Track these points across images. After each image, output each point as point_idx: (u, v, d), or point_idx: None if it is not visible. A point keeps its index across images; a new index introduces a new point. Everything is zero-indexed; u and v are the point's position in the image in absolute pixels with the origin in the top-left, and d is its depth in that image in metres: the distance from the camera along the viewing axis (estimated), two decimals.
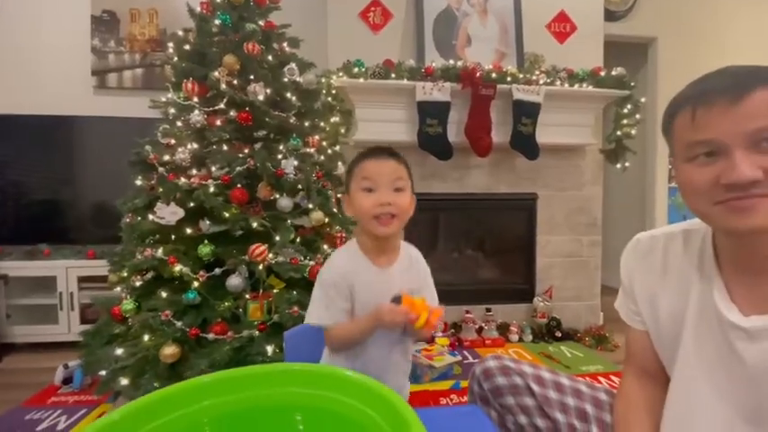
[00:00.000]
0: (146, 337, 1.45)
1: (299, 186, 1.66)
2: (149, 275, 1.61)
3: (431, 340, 2.38)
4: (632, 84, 2.60)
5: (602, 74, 2.57)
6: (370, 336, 0.84)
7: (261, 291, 1.52)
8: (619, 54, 3.06)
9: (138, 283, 1.58)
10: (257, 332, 1.45)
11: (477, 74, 2.34)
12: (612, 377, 2.11)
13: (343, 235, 1.80)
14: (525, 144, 2.48)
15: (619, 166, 2.65)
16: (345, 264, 0.87)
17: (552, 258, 2.80)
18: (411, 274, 0.90)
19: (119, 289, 1.60)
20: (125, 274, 1.59)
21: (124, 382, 1.37)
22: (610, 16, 3.13)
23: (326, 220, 1.73)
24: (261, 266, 1.50)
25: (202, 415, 0.52)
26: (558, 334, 2.60)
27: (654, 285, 0.70)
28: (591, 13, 2.82)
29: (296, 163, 1.65)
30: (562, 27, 2.78)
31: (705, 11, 3.37)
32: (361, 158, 0.87)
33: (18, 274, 2.44)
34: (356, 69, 2.28)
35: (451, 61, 2.40)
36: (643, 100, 2.65)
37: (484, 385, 0.86)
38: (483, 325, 2.58)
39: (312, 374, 0.59)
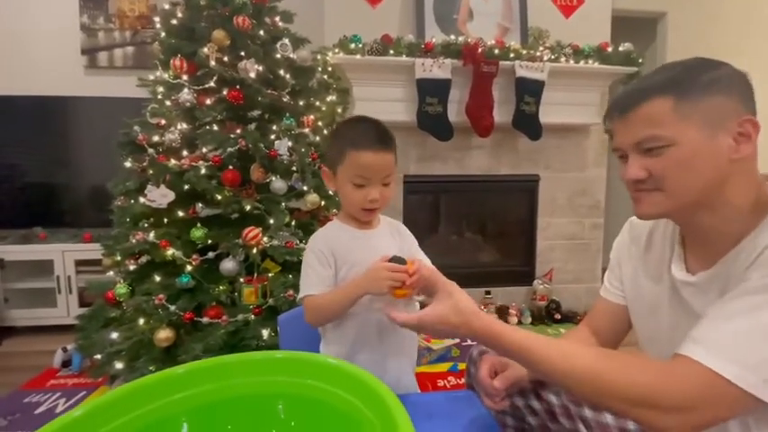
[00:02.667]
0: (140, 321, 1.44)
1: (294, 168, 1.62)
2: (143, 259, 1.59)
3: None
4: (640, 60, 2.50)
5: (609, 50, 2.47)
6: (353, 303, 0.80)
7: (255, 275, 1.49)
8: (627, 30, 2.95)
9: (132, 267, 1.56)
10: (252, 316, 1.43)
11: (479, 50, 2.25)
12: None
13: None
14: (528, 124, 2.40)
15: None
16: (326, 233, 0.88)
17: (553, 241, 2.76)
18: (394, 238, 0.91)
19: (112, 273, 1.58)
20: (118, 258, 1.57)
21: (119, 365, 1.36)
22: None
23: (322, 203, 1.69)
24: (255, 250, 1.47)
25: (177, 406, 0.49)
26: (558, 316, 2.59)
27: (639, 263, 0.76)
28: None
29: (290, 144, 1.60)
30: (569, 0, 2.66)
31: None
32: (356, 145, 0.81)
33: (14, 257, 2.42)
34: (353, 45, 2.19)
35: (452, 37, 2.30)
36: None
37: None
38: (482, 308, 2.57)
39: (294, 362, 0.56)
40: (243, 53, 1.61)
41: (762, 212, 0.58)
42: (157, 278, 1.47)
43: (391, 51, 2.23)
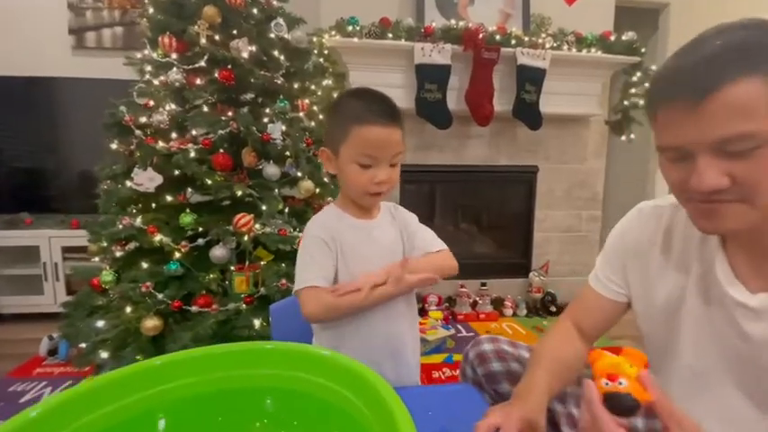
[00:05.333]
0: (127, 310, 1.39)
1: (287, 153, 1.56)
2: (131, 246, 1.53)
3: (424, 313, 2.35)
4: (643, 50, 2.45)
5: (612, 39, 2.42)
6: (375, 305, 0.74)
7: (247, 263, 1.44)
8: (629, 20, 2.89)
9: (118, 254, 1.50)
10: (244, 305, 1.39)
11: (480, 35, 2.19)
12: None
13: None
14: (528, 113, 2.36)
15: (624, 138, 2.54)
16: (325, 220, 0.80)
17: (550, 233, 2.74)
18: (394, 226, 0.85)
19: (97, 259, 1.53)
20: (105, 245, 1.51)
21: (104, 354, 1.32)
22: None
23: (317, 190, 1.64)
24: (246, 237, 1.42)
25: (153, 401, 0.45)
26: (553, 309, 2.58)
27: (654, 263, 0.66)
28: None
29: (283, 128, 1.54)
30: None
31: None
32: (362, 120, 0.72)
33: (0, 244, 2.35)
34: (350, 28, 2.12)
35: (453, 21, 2.23)
36: (654, 68, 2.51)
37: (478, 370, 0.81)
38: (477, 299, 2.55)
39: (283, 354, 0.52)
40: (235, 32, 1.54)
41: None
42: (145, 265, 1.42)
43: (390, 35, 2.16)
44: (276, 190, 1.54)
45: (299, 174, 1.60)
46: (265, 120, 1.53)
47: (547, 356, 0.69)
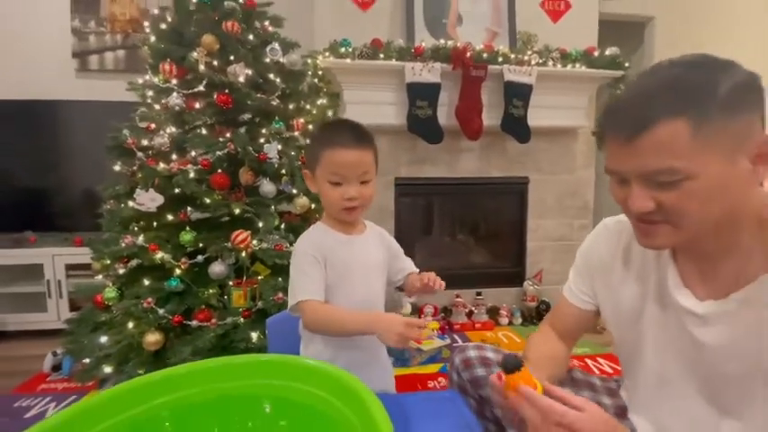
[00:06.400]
0: (129, 325, 1.44)
1: (283, 171, 1.63)
2: (133, 263, 1.59)
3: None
4: (626, 64, 2.54)
5: (596, 54, 2.51)
6: (358, 334, 0.80)
7: (245, 278, 1.50)
8: (615, 34, 2.99)
9: (121, 271, 1.56)
10: (242, 319, 1.44)
11: (468, 54, 2.28)
12: (600, 359, 2.13)
13: None
14: (516, 127, 2.44)
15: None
16: (315, 237, 0.87)
17: (543, 242, 2.79)
18: (378, 243, 0.92)
19: (101, 277, 1.58)
20: (108, 262, 1.57)
21: (108, 369, 1.37)
22: None
23: (312, 206, 1.70)
24: (244, 253, 1.48)
25: (160, 409, 0.51)
26: None
27: (616, 274, 0.71)
28: None
29: (279, 147, 1.61)
30: (556, 5, 2.70)
31: None
32: (329, 144, 0.81)
33: (4, 262, 2.41)
34: (343, 49, 2.21)
35: (442, 41, 2.33)
36: None
37: (463, 375, 0.86)
38: (473, 309, 2.59)
39: (275, 365, 0.57)
40: (232, 57, 1.63)
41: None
42: (146, 282, 1.47)
43: (381, 55, 2.25)
44: (272, 207, 1.60)
45: (295, 191, 1.66)
46: (262, 140, 1.61)
47: (532, 354, 0.76)
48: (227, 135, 1.57)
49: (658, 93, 0.50)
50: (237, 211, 1.50)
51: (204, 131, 1.59)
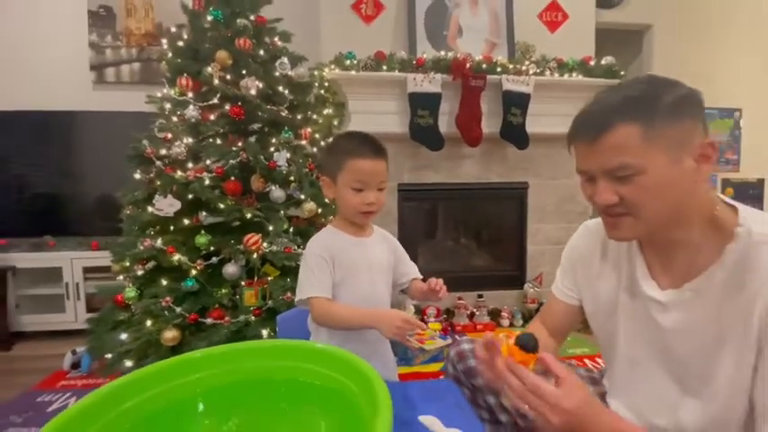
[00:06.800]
0: (148, 323, 1.54)
1: (292, 178, 1.73)
2: (150, 264, 1.69)
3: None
4: (622, 72, 2.62)
5: (592, 63, 2.59)
6: (361, 328, 0.89)
7: (256, 278, 1.59)
8: (614, 42, 3.07)
9: (139, 272, 1.66)
10: (253, 317, 1.53)
11: (468, 65, 2.38)
12: (599, 360, 2.19)
13: None
14: (515, 134, 2.52)
15: None
16: (325, 239, 0.96)
17: (543, 246, 2.86)
18: (384, 246, 1.00)
19: (121, 278, 1.68)
20: (127, 264, 1.67)
21: (129, 363, 1.46)
22: (605, 3, 3.13)
23: (319, 210, 1.80)
24: (255, 255, 1.58)
25: (194, 387, 0.60)
26: None
27: (594, 268, 0.79)
28: (583, 2, 2.83)
29: (288, 155, 1.71)
30: (554, 16, 2.79)
31: None
32: (353, 154, 0.91)
33: (25, 265, 2.52)
34: (348, 62, 2.31)
35: (442, 52, 2.43)
36: None
37: (458, 366, 0.93)
38: (475, 310, 2.66)
39: (289, 349, 0.66)
40: (244, 71, 1.73)
41: (721, 233, 0.60)
42: (164, 282, 1.57)
43: (384, 67, 2.36)
44: (282, 211, 1.70)
45: (303, 196, 1.76)
46: (272, 149, 1.71)
47: None
48: (240, 144, 1.68)
49: (615, 104, 0.59)
50: (249, 215, 1.59)
51: (218, 141, 1.70)
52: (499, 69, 2.44)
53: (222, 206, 1.57)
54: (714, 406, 0.62)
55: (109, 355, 1.53)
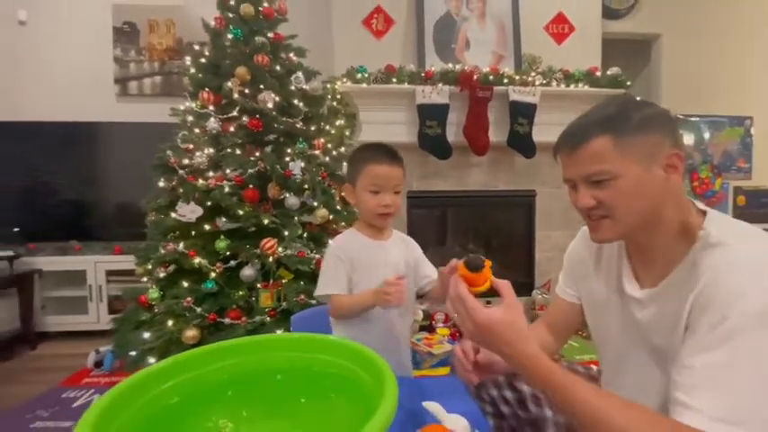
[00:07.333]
0: (169, 322, 1.63)
1: (306, 186, 1.81)
2: (172, 267, 1.78)
3: (431, 329, 2.52)
4: (628, 83, 2.67)
5: (598, 74, 2.65)
6: (365, 310, 0.96)
7: (271, 281, 1.67)
8: (621, 52, 3.10)
9: (161, 275, 1.75)
10: (268, 318, 1.61)
11: (475, 77, 2.45)
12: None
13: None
14: (522, 143, 2.58)
15: None
16: (345, 241, 1.04)
17: (551, 253, 2.89)
18: (402, 248, 1.07)
19: (145, 279, 1.78)
20: (150, 267, 1.77)
21: (151, 360, 1.54)
22: (612, 14, 3.17)
23: (331, 216, 1.88)
24: (271, 259, 1.66)
25: (224, 372, 0.68)
26: None
27: (590, 270, 0.85)
28: (589, 14, 2.89)
29: (302, 165, 1.80)
30: (560, 28, 2.86)
31: (710, 7, 3.36)
32: (370, 160, 1.00)
33: (51, 268, 2.65)
34: (359, 75, 2.41)
35: (450, 65, 2.51)
36: (638, 99, 2.71)
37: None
38: None
39: (307, 341, 0.73)
40: (262, 86, 1.84)
41: (689, 238, 0.65)
42: (185, 284, 1.66)
43: (394, 79, 2.45)
44: (296, 218, 1.78)
45: (316, 203, 1.84)
46: (287, 158, 1.80)
47: None
48: (257, 154, 1.77)
49: (592, 119, 0.68)
50: (266, 221, 1.68)
51: (237, 151, 1.80)
52: (506, 81, 2.51)
53: (241, 212, 1.66)
54: None
55: (132, 353, 1.62)
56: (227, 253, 1.70)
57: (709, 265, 0.61)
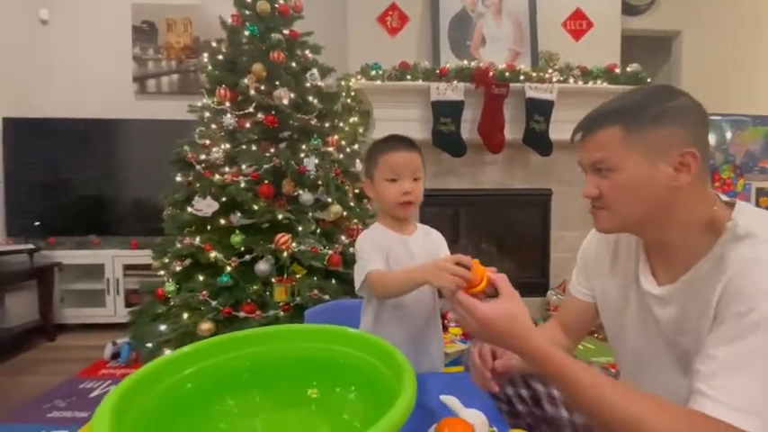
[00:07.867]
0: (185, 315, 1.64)
1: (320, 182, 1.81)
2: (188, 261, 1.80)
3: (444, 329, 2.50)
4: (648, 80, 2.61)
5: (617, 70, 2.59)
6: (414, 288, 0.88)
7: (285, 275, 1.68)
8: (641, 49, 3.04)
9: (178, 268, 1.77)
10: (282, 312, 1.62)
11: (491, 73, 2.43)
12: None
13: (360, 227, 1.94)
14: (538, 141, 2.54)
15: None
16: (375, 235, 1.01)
17: (566, 253, 2.84)
18: (427, 241, 1.04)
19: (161, 273, 1.80)
20: (167, 260, 1.79)
21: (167, 352, 1.56)
22: (631, 11, 3.11)
23: (344, 213, 1.88)
24: (285, 254, 1.66)
25: (244, 360, 0.68)
26: None
27: (606, 267, 0.83)
28: (608, 10, 2.83)
29: (316, 161, 1.80)
30: (578, 24, 2.81)
31: (731, 2, 3.27)
32: (385, 150, 0.97)
33: (70, 261, 2.71)
34: (374, 72, 2.41)
35: (465, 62, 2.49)
36: None
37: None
38: None
39: (326, 332, 0.73)
40: (277, 82, 1.85)
41: (715, 231, 0.62)
42: (201, 277, 1.68)
43: (408, 77, 2.43)
44: (310, 213, 1.79)
45: (329, 199, 1.85)
46: (302, 155, 1.80)
47: None
48: (272, 150, 1.78)
49: (610, 108, 0.67)
50: (280, 216, 1.69)
51: (253, 147, 1.81)
52: (522, 77, 2.48)
53: (256, 207, 1.67)
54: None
55: (149, 345, 1.64)
56: (242, 247, 1.72)
57: (737, 257, 0.59)
